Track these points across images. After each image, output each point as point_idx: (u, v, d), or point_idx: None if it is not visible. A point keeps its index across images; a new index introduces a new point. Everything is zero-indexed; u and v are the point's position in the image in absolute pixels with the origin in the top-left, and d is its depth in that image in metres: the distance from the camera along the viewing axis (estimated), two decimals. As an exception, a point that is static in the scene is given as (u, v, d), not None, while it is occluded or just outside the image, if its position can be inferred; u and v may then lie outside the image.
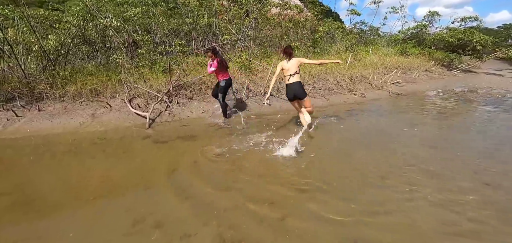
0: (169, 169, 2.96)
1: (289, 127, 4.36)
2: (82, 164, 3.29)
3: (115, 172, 2.98)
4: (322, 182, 2.60)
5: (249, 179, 2.70)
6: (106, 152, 3.62)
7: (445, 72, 10.97)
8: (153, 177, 2.83)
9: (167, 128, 4.52)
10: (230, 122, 4.77)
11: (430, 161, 3.08)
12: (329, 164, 3.07)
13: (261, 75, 6.36)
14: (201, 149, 3.53)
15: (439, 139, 3.93)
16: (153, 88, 5.78)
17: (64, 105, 5.65)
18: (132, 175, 2.89)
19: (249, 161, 3.13)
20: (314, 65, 5.52)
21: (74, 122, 5.10)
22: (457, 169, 2.88)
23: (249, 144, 3.63)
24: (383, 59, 9.70)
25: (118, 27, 6.74)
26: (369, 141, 3.76)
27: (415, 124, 4.61)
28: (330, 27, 11.04)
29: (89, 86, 5.91)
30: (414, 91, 7.63)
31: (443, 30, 12.35)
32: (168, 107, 5.36)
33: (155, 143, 3.83)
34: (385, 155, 3.26)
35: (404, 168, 2.92)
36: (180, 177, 2.80)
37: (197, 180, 2.74)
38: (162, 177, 2.82)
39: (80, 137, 4.42)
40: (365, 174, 2.78)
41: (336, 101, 6.05)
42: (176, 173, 2.89)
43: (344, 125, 4.54)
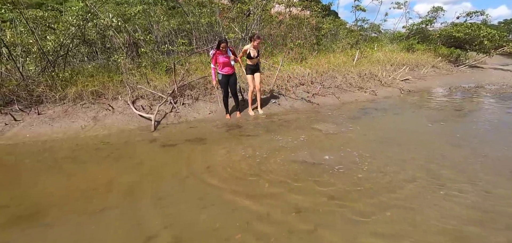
0: (181, 176, 2.73)
1: (300, 127, 4.14)
2: (86, 171, 3.06)
3: (122, 180, 2.74)
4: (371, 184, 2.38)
5: (272, 186, 2.48)
6: (112, 158, 3.38)
7: (452, 68, 10.78)
8: (164, 185, 2.60)
9: (174, 131, 4.29)
10: (239, 122, 4.55)
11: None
12: (364, 166, 2.84)
13: (268, 74, 6.14)
14: (213, 152, 3.31)
15: (467, 135, 3.73)
16: (157, 89, 5.55)
17: (65, 108, 5.43)
18: (141, 183, 2.66)
19: (267, 165, 2.90)
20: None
21: (76, 125, 4.87)
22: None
23: (263, 146, 3.42)
24: (390, 55, 9.49)
25: (119, 27, 6.52)
26: (398, 140, 3.54)
27: (436, 120, 4.42)
28: (333, 24, 10.84)
29: (90, 88, 5.69)
30: (424, 87, 7.43)
31: (448, 26, 12.14)
32: (173, 108, 5.13)
33: (162, 147, 3.60)
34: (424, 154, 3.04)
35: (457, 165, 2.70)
36: (194, 185, 2.57)
37: (213, 187, 2.51)
38: (175, 184, 2.59)
39: (82, 141, 4.19)
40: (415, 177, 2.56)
41: (348, 100, 5.83)
42: (189, 180, 2.66)
43: (361, 125, 4.32)
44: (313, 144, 3.45)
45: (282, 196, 2.32)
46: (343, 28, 11.78)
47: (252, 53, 4.50)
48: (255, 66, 4.68)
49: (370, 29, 14.98)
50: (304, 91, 5.83)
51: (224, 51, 4.25)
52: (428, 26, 12.10)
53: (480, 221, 1.94)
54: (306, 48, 8.49)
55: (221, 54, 4.25)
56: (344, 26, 12.82)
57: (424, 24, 12.02)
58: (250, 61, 4.60)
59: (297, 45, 7.33)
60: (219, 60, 4.28)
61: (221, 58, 4.26)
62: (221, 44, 4.17)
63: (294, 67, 6.62)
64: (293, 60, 7.56)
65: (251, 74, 4.67)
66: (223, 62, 4.30)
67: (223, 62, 4.29)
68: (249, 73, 4.67)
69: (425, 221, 1.94)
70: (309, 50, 8.56)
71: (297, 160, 2.99)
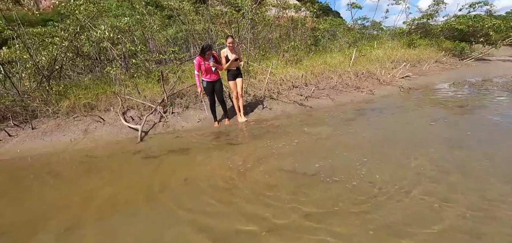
0: (156, 190, 2.61)
1: (290, 133, 3.97)
2: (65, 187, 2.97)
3: (96, 196, 2.64)
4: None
5: (248, 200, 2.32)
6: (93, 172, 3.30)
7: (457, 62, 10.37)
8: (137, 200, 2.48)
9: (160, 141, 4.19)
10: (228, 129, 4.42)
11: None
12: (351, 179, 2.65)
13: (260, 78, 6.01)
14: (193, 163, 3.18)
15: (471, 136, 3.46)
16: (147, 99, 5.49)
17: (58, 122, 5.43)
18: (115, 199, 2.55)
19: (249, 176, 2.74)
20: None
21: (65, 139, 4.85)
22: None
23: (249, 154, 3.27)
24: (390, 52, 9.21)
25: (112, 39, 6.52)
26: (393, 143, 3.33)
27: (437, 119, 4.16)
28: (330, 24, 10.65)
29: (83, 100, 5.70)
30: (426, 84, 7.11)
31: (451, 18, 11.73)
32: (162, 118, 5.05)
33: (145, 159, 3.49)
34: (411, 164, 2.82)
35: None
36: (168, 199, 2.45)
37: (186, 201, 2.37)
38: (148, 200, 2.47)
39: (68, 155, 4.14)
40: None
41: (343, 101, 5.61)
42: (163, 195, 2.53)
43: (354, 128, 4.10)
44: (302, 151, 3.27)
45: (257, 212, 2.15)
46: (341, 27, 11.57)
47: (230, 56, 4.35)
48: (236, 71, 4.53)
49: (372, 27, 14.73)
50: (297, 94, 5.66)
51: (208, 58, 4.14)
52: (429, 20, 11.73)
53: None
54: (302, 49, 8.33)
55: (204, 60, 4.14)
56: (343, 25, 12.60)
57: (425, 18, 11.66)
58: (230, 66, 4.44)
59: (291, 47, 7.19)
60: (202, 66, 4.18)
61: (206, 64, 4.15)
62: (205, 50, 4.05)
63: (288, 70, 6.46)
64: (288, 62, 7.41)
65: (233, 79, 4.52)
66: (207, 69, 4.18)
67: (207, 68, 4.18)
68: (230, 78, 4.52)
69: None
70: (305, 51, 8.39)
71: (284, 169, 2.82)
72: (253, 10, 7.25)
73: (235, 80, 4.54)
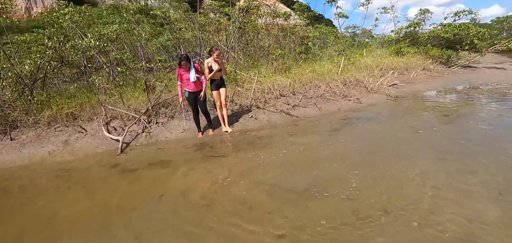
0: (127, 209, 2.48)
1: (275, 144, 3.89)
2: (34, 204, 2.81)
3: (66, 214, 2.50)
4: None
5: (221, 221, 2.22)
6: (66, 187, 3.14)
7: (444, 69, 10.56)
8: (108, 221, 2.35)
9: (141, 153, 4.06)
10: (211, 141, 4.32)
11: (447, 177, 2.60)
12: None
13: (248, 87, 5.95)
14: (172, 178, 3.07)
15: (456, 145, 3.45)
16: (131, 108, 5.36)
17: (38, 133, 5.24)
18: (83, 218, 2.41)
19: (228, 192, 2.65)
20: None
21: (44, 151, 4.66)
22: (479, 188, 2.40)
23: (231, 167, 3.18)
24: (378, 60, 9.31)
25: (99, 47, 6.38)
26: (378, 154, 3.28)
27: (423, 128, 4.16)
28: (320, 32, 10.75)
29: (66, 110, 5.53)
30: (413, 92, 7.18)
31: (437, 27, 12.00)
32: (146, 128, 4.92)
33: (122, 173, 3.36)
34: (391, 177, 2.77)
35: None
36: (139, 219, 2.32)
37: (159, 222, 2.25)
38: (119, 220, 2.34)
39: (43, 169, 3.97)
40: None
41: (330, 109, 5.58)
42: (135, 214, 2.40)
43: (340, 138, 4.06)
44: (287, 163, 3.19)
45: (228, 235, 2.04)
46: (331, 35, 11.70)
47: (214, 66, 4.29)
48: (219, 81, 4.45)
49: (362, 35, 14.96)
50: (284, 103, 5.61)
51: (187, 68, 4.05)
52: (416, 28, 11.97)
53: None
54: (291, 57, 8.34)
55: (184, 70, 4.06)
56: (333, 33, 12.75)
57: (412, 27, 11.89)
58: (214, 76, 4.37)
59: (279, 55, 7.18)
60: (183, 76, 4.10)
61: (185, 74, 4.07)
62: (181, 61, 3.98)
63: (275, 78, 6.43)
64: (276, 70, 7.39)
65: (216, 89, 4.44)
66: (186, 79, 4.10)
67: (186, 78, 4.10)
68: (214, 88, 4.44)
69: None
70: (294, 59, 8.41)
71: (267, 183, 2.73)
72: (241, 18, 7.24)
73: (219, 90, 4.46)
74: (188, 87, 4.17)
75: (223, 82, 4.56)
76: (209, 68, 4.32)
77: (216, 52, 4.20)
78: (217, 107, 4.54)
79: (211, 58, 4.30)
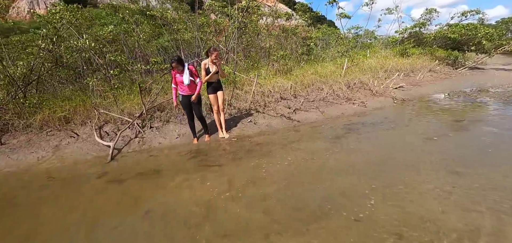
0: (108, 228, 2.23)
1: (274, 153, 3.62)
2: (12, 217, 2.57)
3: (41, 230, 2.26)
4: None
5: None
6: (49, 199, 2.91)
7: (451, 71, 10.22)
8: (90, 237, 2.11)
9: (132, 161, 3.81)
10: (207, 147, 4.06)
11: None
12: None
13: (247, 89, 5.69)
14: (161, 191, 2.82)
15: (470, 156, 3.14)
16: (125, 112, 5.13)
17: (29, 137, 5.04)
18: (60, 237, 2.17)
19: (218, 212, 2.39)
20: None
21: (32, 157, 4.44)
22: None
23: (224, 180, 2.92)
24: (383, 61, 9.02)
25: (95, 48, 6.17)
26: (383, 166, 3.01)
27: (432, 136, 3.83)
28: (323, 32, 10.48)
29: (59, 113, 5.32)
30: (420, 95, 6.87)
31: (443, 27, 11.66)
32: (139, 133, 4.68)
33: (109, 184, 3.11)
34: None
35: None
36: (119, 239, 2.07)
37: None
38: (100, 237, 2.10)
39: (30, 177, 3.74)
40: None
41: (333, 114, 5.30)
42: (115, 233, 2.15)
43: (342, 147, 3.78)
44: (289, 175, 2.91)
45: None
46: (334, 36, 11.41)
47: (212, 68, 4.03)
48: (217, 84, 4.19)
49: (365, 36, 14.67)
50: (285, 107, 5.34)
51: (179, 71, 3.80)
52: (422, 29, 11.64)
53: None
54: (293, 59, 8.08)
55: (178, 73, 3.81)
56: (336, 34, 12.47)
57: (417, 27, 11.56)
58: (211, 78, 4.10)
59: (281, 57, 6.92)
60: (177, 79, 3.85)
61: (179, 77, 3.82)
62: (172, 63, 3.72)
63: (276, 80, 6.17)
64: (277, 72, 7.13)
65: (213, 92, 4.18)
66: (179, 81, 3.86)
67: (179, 81, 3.85)
68: (211, 92, 4.17)
69: None
70: (295, 61, 8.14)
71: (267, 198, 2.46)
72: (241, 18, 6.99)
73: (216, 94, 4.20)
74: (182, 90, 3.92)
75: (221, 85, 4.30)
76: (206, 70, 4.06)
77: (214, 53, 3.93)
78: (214, 111, 4.28)
79: (208, 60, 4.04)
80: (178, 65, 3.71)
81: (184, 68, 3.79)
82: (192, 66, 3.89)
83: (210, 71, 4.01)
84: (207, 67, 4.02)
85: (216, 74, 4.11)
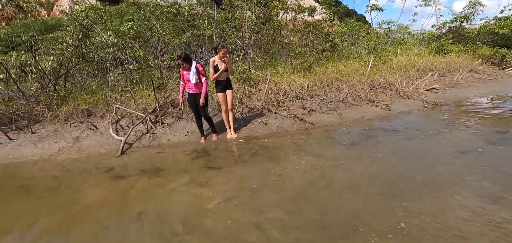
0: (100, 226, 2.21)
1: (281, 158, 3.39)
2: (20, 207, 2.71)
3: (41, 225, 2.32)
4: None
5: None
6: (57, 191, 3.03)
7: (496, 71, 8.97)
8: (74, 237, 2.11)
9: (139, 157, 3.85)
10: (213, 147, 3.96)
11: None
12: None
13: (261, 87, 5.49)
14: (159, 191, 2.76)
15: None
16: (139, 107, 5.24)
17: (55, 127, 5.40)
18: (55, 231, 2.20)
19: (215, 222, 2.25)
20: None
21: (55, 147, 4.74)
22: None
23: (223, 186, 2.78)
24: (415, 59, 8.18)
25: (118, 44, 6.38)
26: (401, 187, 2.64)
27: (468, 150, 3.22)
28: (349, 27, 9.80)
29: (82, 106, 5.63)
30: (457, 98, 6.08)
31: (490, 22, 10.25)
32: (151, 129, 4.74)
33: (113, 179, 3.15)
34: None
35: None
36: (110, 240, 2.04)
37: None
38: (90, 239, 2.08)
39: (48, 166, 3.97)
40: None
41: (351, 116, 4.88)
42: (103, 233, 2.12)
43: (355, 157, 3.41)
44: (301, 185, 2.67)
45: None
46: (361, 31, 10.63)
47: (220, 66, 3.87)
48: (226, 82, 4.03)
49: (398, 31, 13.55)
50: (300, 107, 5.05)
51: (186, 68, 3.70)
52: (463, 23, 10.34)
53: None
54: (313, 56, 7.66)
55: (185, 70, 3.73)
56: (364, 29, 11.63)
57: (458, 21, 10.29)
58: (219, 76, 3.96)
59: (299, 53, 6.58)
60: (184, 76, 3.77)
61: (186, 75, 3.74)
62: (178, 60, 3.64)
63: (293, 79, 5.86)
64: (296, 70, 6.81)
65: (222, 91, 4.03)
66: (187, 79, 3.77)
67: (186, 79, 3.77)
68: (219, 90, 4.03)
69: None
70: (316, 58, 7.71)
71: (270, 216, 2.27)
72: (259, 13, 6.75)
73: (225, 92, 4.06)
74: (188, 88, 3.84)
75: (230, 83, 4.15)
76: (214, 67, 3.94)
77: (222, 50, 3.78)
78: (222, 110, 4.15)
79: (217, 56, 3.91)
80: (184, 62, 3.63)
81: (191, 66, 3.70)
82: (200, 65, 3.78)
83: (218, 68, 3.87)
84: (215, 65, 3.89)
85: (225, 71, 3.97)
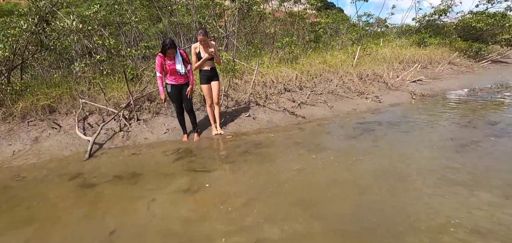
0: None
1: (273, 157, 3.09)
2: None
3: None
4: None
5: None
6: (9, 205, 2.46)
7: (472, 63, 9.37)
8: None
9: (111, 159, 3.34)
10: (196, 146, 3.54)
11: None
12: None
13: (247, 79, 5.11)
14: (135, 202, 2.33)
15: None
16: (110, 102, 4.64)
17: (10, 127, 4.62)
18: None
19: (210, 234, 1.89)
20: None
21: (9, 150, 4.04)
22: None
23: (209, 192, 2.41)
24: (398, 51, 8.25)
25: (83, 30, 5.60)
26: (406, 183, 2.45)
27: (466, 143, 3.14)
28: (333, 18, 9.67)
29: (43, 101, 4.87)
30: (441, 89, 6.16)
31: (466, 15, 10.67)
32: (125, 126, 4.19)
33: (78, 189, 2.64)
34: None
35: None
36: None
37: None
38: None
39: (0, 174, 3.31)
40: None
41: (343, 109, 4.69)
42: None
43: (354, 153, 3.21)
44: (284, 190, 2.39)
45: None
46: (345, 23, 10.59)
47: (203, 53, 3.45)
48: (211, 72, 3.61)
49: (376, 24, 13.72)
50: (289, 100, 4.76)
51: (172, 56, 3.24)
52: (442, 16, 10.68)
53: None
54: (299, 46, 7.40)
55: (168, 58, 3.25)
56: (347, 21, 11.62)
57: (437, 14, 10.60)
58: (204, 66, 3.54)
59: (286, 43, 6.27)
60: (168, 66, 3.28)
61: (170, 64, 3.26)
62: (166, 48, 3.14)
63: (280, 70, 5.55)
64: (282, 60, 6.50)
65: (207, 83, 3.60)
66: (171, 69, 3.29)
67: (171, 69, 3.29)
68: (203, 82, 3.60)
69: None
70: (302, 48, 7.46)
71: (266, 230, 1.96)
72: (242, 1, 6.31)
73: (210, 84, 3.63)
74: (171, 79, 3.37)
75: (216, 74, 3.71)
76: (196, 54, 3.49)
77: (200, 37, 3.34)
78: (208, 104, 3.72)
79: (198, 43, 3.46)
80: (173, 50, 3.16)
81: (176, 53, 3.24)
82: (183, 51, 3.33)
83: (201, 56, 3.44)
84: (198, 51, 3.45)
85: (211, 60, 3.54)
